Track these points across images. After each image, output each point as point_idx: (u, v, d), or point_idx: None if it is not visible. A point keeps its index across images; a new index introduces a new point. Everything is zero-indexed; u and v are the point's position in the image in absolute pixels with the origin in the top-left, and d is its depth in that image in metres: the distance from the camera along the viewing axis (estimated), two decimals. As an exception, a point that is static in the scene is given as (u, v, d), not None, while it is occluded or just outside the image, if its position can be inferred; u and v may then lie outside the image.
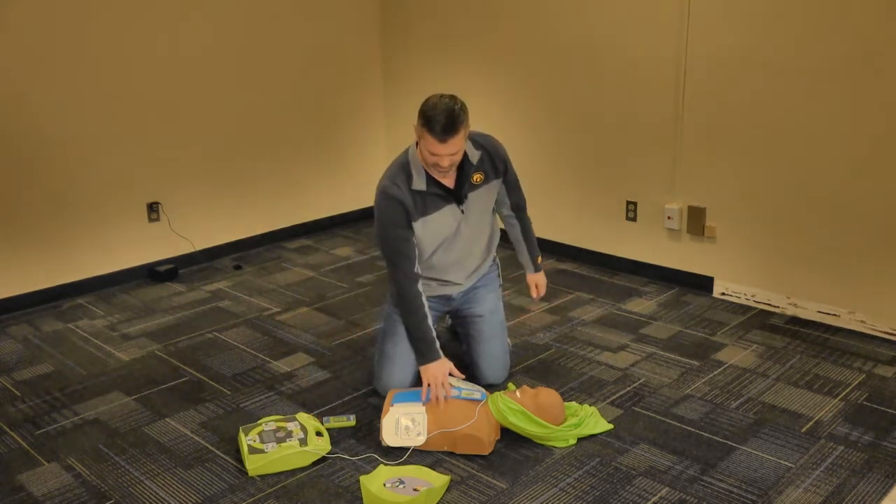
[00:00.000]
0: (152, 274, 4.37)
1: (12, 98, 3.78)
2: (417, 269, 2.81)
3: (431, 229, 2.84)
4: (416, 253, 2.81)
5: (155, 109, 4.28)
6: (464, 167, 2.84)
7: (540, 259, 3.23)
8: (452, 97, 2.66)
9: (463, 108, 2.65)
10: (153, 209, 4.38)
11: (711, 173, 3.87)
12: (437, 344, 2.82)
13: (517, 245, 3.21)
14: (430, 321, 2.82)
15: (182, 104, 4.38)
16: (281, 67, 4.78)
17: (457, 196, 2.84)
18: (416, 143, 2.78)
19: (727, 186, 3.82)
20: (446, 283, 3.03)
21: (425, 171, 2.77)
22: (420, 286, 2.81)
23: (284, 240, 5.03)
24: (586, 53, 4.20)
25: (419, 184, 2.77)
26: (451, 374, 2.84)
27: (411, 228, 2.78)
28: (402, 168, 2.80)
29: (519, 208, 3.13)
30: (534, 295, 3.20)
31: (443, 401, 2.70)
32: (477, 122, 3.04)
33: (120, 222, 4.26)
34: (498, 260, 3.21)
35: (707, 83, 3.77)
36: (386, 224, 2.78)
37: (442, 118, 2.58)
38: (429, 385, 2.74)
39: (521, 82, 4.54)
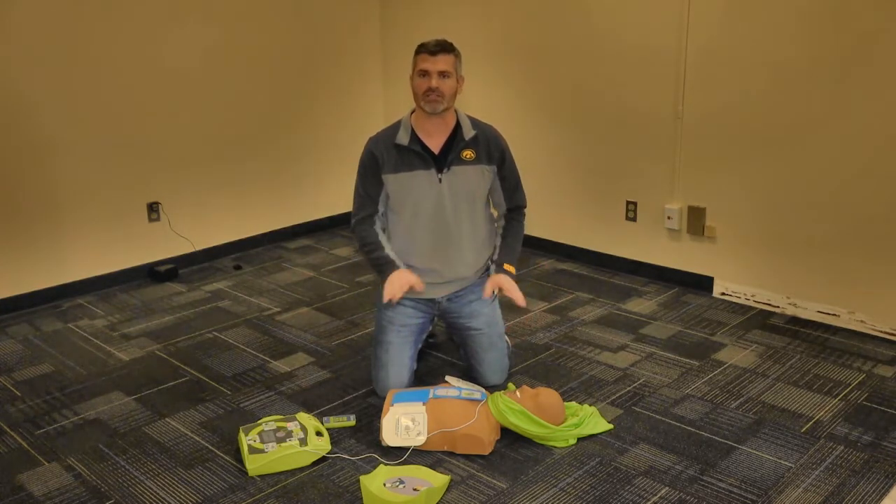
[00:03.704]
0: (152, 274, 4.38)
1: (12, 98, 3.78)
2: (377, 222, 2.94)
3: (407, 190, 2.86)
4: (380, 208, 2.93)
5: (155, 109, 4.28)
6: (454, 137, 2.86)
7: (509, 267, 2.94)
8: None
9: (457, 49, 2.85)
10: (153, 209, 4.38)
11: (711, 173, 3.87)
12: (394, 261, 2.89)
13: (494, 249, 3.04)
14: (387, 251, 2.91)
15: (182, 104, 4.38)
16: (281, 68, 4.78)
17: (438, 162, 2.85)
18: (411, 81, 2.84)
19: (727, 186, 3.82)
20: (431, 274, 2.95)
21: (413, 130, 2.85)
22: (377, 229, 2.93)
23: (284, 240, 5.03)
24: (586, 53, 4.20)
25: (402, 138, 2.85)
26: (448, 379, 2.86)
27: (379, 181, 2.88)
28: (396, 124, 2.92)
29: (516, 209, 3.04)
30: (484, 295, 2.92)
31: (418, 285, 2.85)
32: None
33: (120, 222, 4.26)
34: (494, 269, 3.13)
35: (707, 83, 3.77)
36: (359, 171, 2.94)
37: (436, 40, 2.80)
38: (390, 294, 2.82)
39: (521, 82, 4.54)
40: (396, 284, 2.83)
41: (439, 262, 2.95)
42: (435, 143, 2.86)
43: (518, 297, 2.89)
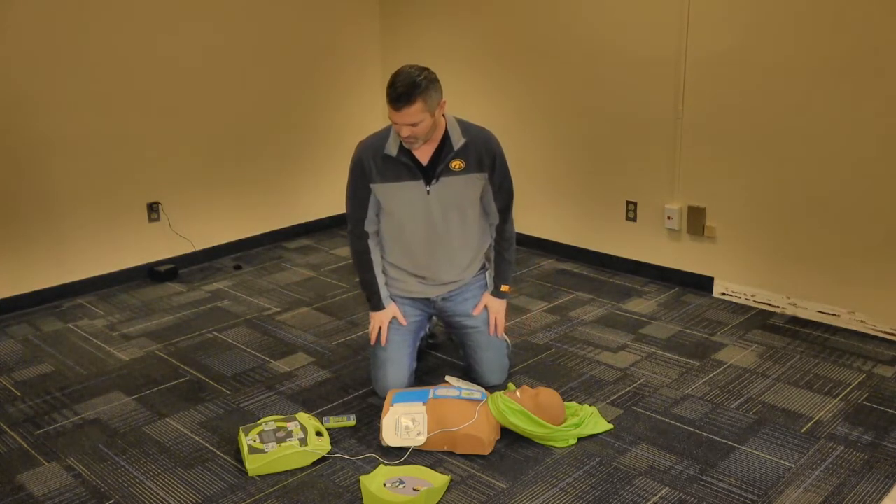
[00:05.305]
0: (152, 274, 4.38)
1: (12, 98, 3.78)
2: (369, 228, 2.94)
3: (395, 200, 2.85)
4: (371, 214, 2.91)
5: (155, 109, 4.28)
6: (443, 148, 2.82)
7: (506, 288, 3.05)
8: (423, 68, 2.68)
9: (428, 80, 2.64)
10: (153, 209, 4.38)
11: (711, 173, 3.87)
12: (383, 294, 2.99)
13: (489, 263, 3.11)
14: (378, 274, 2.98)
15: (182, 104, 4.38)
16: (281, 67, 4.78)
17: (426, 174, 2.83)
18: None
19: (727, 186, 3.82)
20: (423, 279, 2.98)
21: (402, 140, 2.78)
22: (370, 244, 2.96)
23: (284, 240, 5.03)
24: (587, 53, 4.20)
25: (391, 148, 2.81)
26: (448, 379, 2.89)
27: (368, 188, 2.86)
28: (386, 130, 2.87)
29: (504, 214, 2.98)
30: (474, 312, 3.03)
31: (382, 341, 2.97)
32: (476, 120, 3.03)
33: (120, 222, 4.26)
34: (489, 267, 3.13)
35: (707, 83, 3.77)
36: (350, 176, 2.91)
37: (399, 86, 2.60)
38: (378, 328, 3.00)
39: (521, 82, 4.54)
40: (380, 322, 2.99)
41: (431, 270, 2.97)
42: (423, 154, 2.82)
43: (500, 328, 3.06)
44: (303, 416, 2.73)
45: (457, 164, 2.83)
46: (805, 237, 3.61)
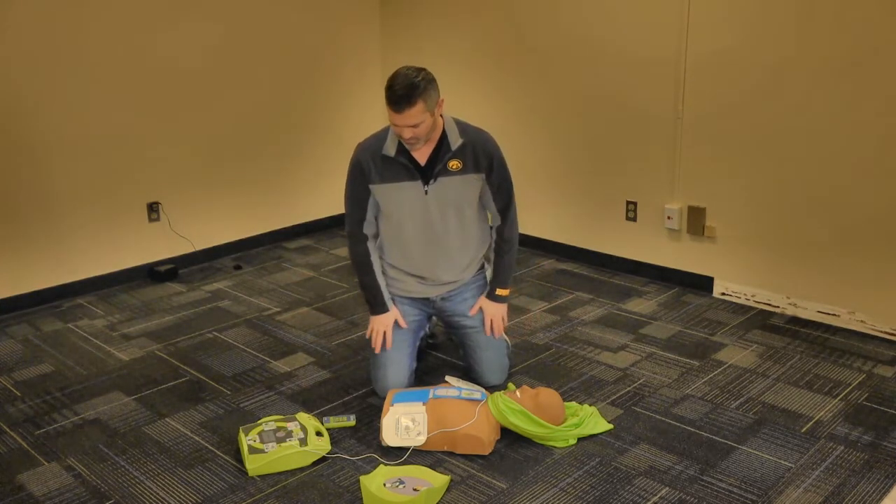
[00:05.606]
0: (152, 274, 4.38)
1: (12, 98, 3.78)
2: (367, 231, 2.94)
3: (394, 201, 2.85)
4: (370, 216, 2.92)
5: (155, 109, 4.28)
6: (441, 148, 2.82)
7: (503, 292, 3.02)
8: (420, 69, 2.68)
9: (426, 80, 2.65)
10: (153, 209, 4.38)
11: (711, 173, 3.87)
12: (385, 297, 2.98)
13: (489, 264, 3.10)
14: (378, 277, 2.97)
15: (182, 104, 4.38)
16: (281, 67, 4.78)
17: (423, 174, 2.83)
18: None
19: (727, 186, 3.82)
20: (422, 279, 2.99)
21: (400, 141, 2.79)
22: (369, 246, 2.95)
23: (284, 240, 5.03)
24: (586, 53, 4.20)
25: (390, 149, 2.81)
26: (448, 379, 2.89)
27: (367, 189, 2.86)
28: (384, 131, 2.87)
29: (503, 214, 2.97)
30: (470, 313, 3.02)
31: (387, 345, 2.94)
32: (476, 120, 3.04)
33: (120, 222, 4.26)
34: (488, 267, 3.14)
35: (707, 83, 3.77)
36: (348, 178, 2.91)
37: (399, 88, 2.61)
38: (373, 330, 2.98)
39: (521, 82, 4.54)
40: (382, 326, 2.97)
41: (429, 270, 2.97)
42: (421, 155, 2.83)
43: (497, 330, 3.03)
44: (303, 416, 2.73)
45: (454, 164, 2.83)
46: (805, 237, 3.61)
